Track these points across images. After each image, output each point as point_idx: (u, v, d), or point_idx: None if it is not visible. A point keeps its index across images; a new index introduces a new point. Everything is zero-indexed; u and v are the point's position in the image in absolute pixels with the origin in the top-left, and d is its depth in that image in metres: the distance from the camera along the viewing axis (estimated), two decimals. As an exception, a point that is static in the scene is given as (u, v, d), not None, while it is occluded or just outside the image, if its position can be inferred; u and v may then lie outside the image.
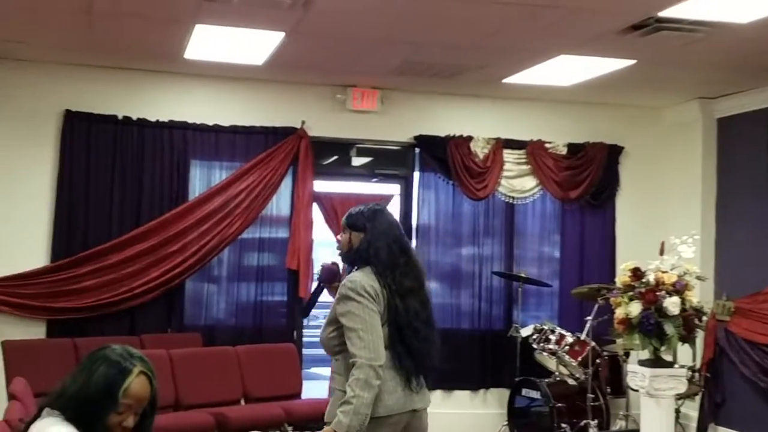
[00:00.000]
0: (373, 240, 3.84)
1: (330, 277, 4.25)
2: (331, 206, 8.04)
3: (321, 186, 8.13)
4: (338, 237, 4.09)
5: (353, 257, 3.93)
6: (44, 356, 6.67)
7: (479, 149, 8.34)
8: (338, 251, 4.07)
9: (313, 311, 8.07)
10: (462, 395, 8.36)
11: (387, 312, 3.73)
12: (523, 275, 8.09)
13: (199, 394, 6.80)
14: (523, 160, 8.51)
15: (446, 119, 8.37)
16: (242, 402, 7.06)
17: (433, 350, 3.94)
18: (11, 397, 4.99)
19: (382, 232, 3.87)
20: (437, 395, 8.23)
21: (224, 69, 7.52)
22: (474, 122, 8.42)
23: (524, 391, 7.52)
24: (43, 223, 7.36)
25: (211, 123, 7.80)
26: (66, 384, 2.54)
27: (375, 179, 8.57)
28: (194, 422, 6.42)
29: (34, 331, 7.25)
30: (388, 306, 3.73)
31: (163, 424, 5.97)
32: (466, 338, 8.37)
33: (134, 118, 7.58)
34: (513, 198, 8.51)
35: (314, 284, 7.22)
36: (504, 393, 8.01)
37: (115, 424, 2.50)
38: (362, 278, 3.74)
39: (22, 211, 7.33)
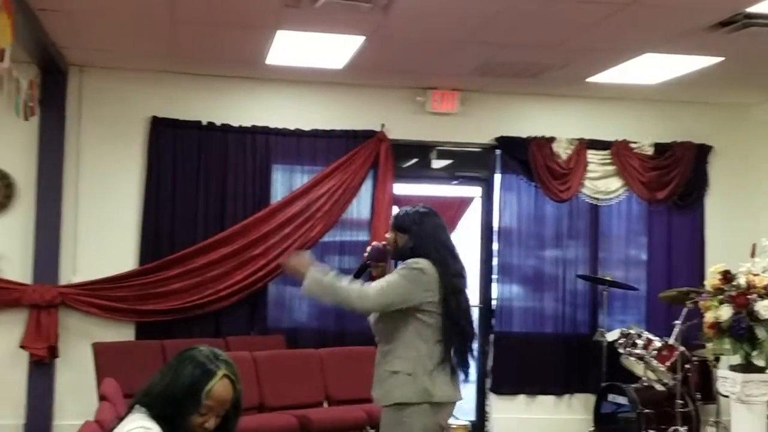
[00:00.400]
0: (418, 242, 4.01)
1: (378, 256, 4.27)
2: (411, 209, 8.01)
3: (401, 189, 8.12)
4: (386, 235, 4.28)
5: (399, 255, 4.10)
6: (133, 358, 6.82)
7: (562, 150, 8.21)
8: (386, 246, 4.26)
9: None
10: (546, 400, 8.25)
11: (442, 306, 3.95)
12: (608, 278, 7.91)
13: (283, 396, 6.85)
14: (608, 161, 8.35)
15: (528, 120, 8.27)
16: (325, 404, 7.09)
17: (473, 350, 4.21)
18: (102, 398, 5.09)
19: (428, 235, 4.03)
20: (521, 400, 8.16)
21: (305, 74, 7.58)
22: (556, 123, 8.30)
23: (610, 397, 7.35)
24: (131, 227, 7.55)
25: (292, 127, 7.87)
26: (153, 382, 2.60)
27: (455, 182, 8.51)
28: (278, 424, 6.46)
29: (123, 333, 7.45)
30: (444, 301, 3.96)
31: (248, 426, 6.03)
32: (550, 343, 8.26)
33: (218, 123, 7.71)
34: (597, 199, 8.35)
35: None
36: (590, 398, 7.85)
37: (197, 424, 2.54)
38: (428, 265, 3.94)
39: (113, 216, 7.53)
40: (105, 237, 7.50)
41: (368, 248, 4.33)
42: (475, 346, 4.22)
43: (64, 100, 7.40)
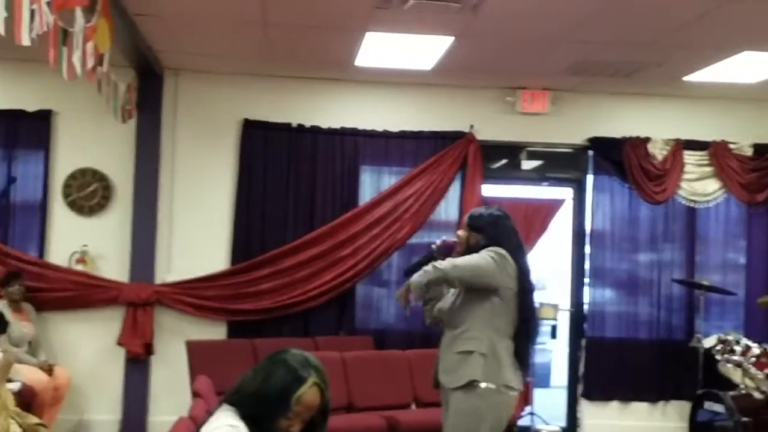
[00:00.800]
0: (490, 243, 4.14)
1: (445, 251, 4.38)
2: (500, 211, 7.92)
3: (490, 190, 8.04)
4: (458, 232, 4.40)
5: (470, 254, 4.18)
6: (225, 356, 6.93)
7: (657, 151, 8.02)
8: (455, 243, 4.40)
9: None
10: (640, 407, 8.07)
11: (514, 300, 4.11)
12: (705, 283, 7.70)
13: (371, 396, 6.87)
14: (705, 162, 8.12)
15: (621, 120, 8.10)
16: (413, 406, 7.07)
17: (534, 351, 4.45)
18: (195, 394, 5.18)
19: (502, 236, 4.19)
20: (614, 406, 8.01)
21: (393, 75, 7.58)
22: (652, 123, 8.11)
23: (707, 404, 7.13)
24: (224, 227, 7.69)
25: (380, 129, 7.89)
26: (244, 381, 2.64)
27: (546, 183, 8.38)
28: (366, 424, 6.47)
29: (215, 331, 7.59)
30: (517, 296, 4.12)
31: (336, 426, 6.04)
32: (644, 348, 8.07)
33: (307, 125, 7.78)
34: (694, 202, 8.13)
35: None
36: (685, 406, 7.63)
37: (283, 427, 2.56)
38: (508, 256, 4.11)
39: (206, 217, 7.69)
40: (198, 237, 7.66)
41: (437, 241, 4.45)
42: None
43: (159, 103, 7.59)
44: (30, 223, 7.55)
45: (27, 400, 6.17)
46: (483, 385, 4.04)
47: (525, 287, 4.16)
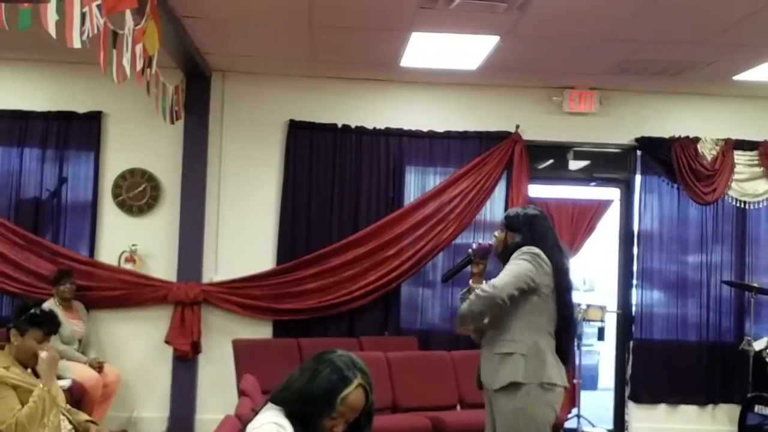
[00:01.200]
0: (528, 243, 4.14)
1: (483, 254, 4.40)
2: (547, 211, 7.81)
3: (536, 191, 8.01)
4: (495, 233, 4.42)
5: (507, 255, 4.19)
6: (271, 355, 6.98)
7: (707, 151, 7.91)
8: (491, 246, 4.41)
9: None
10: (689, 410, 7.97)
11: (552, 298, 4.11)
12: (755, 285, 7.58)
13: (416, 397, 6.86)
14: (756, 162, 8.01)
15: (670, 120, 8.00)
16: (458, 407, 7.05)
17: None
18: (241, 393, 5.23)
19: (539, 235, 4.18)
20: (662, 409, 7.93)
21: (438, 75, 7.57)
22: (701, 122, 8.00)
23: (757, 408, 7.04)
24: (270, 227, 7.75)
25: (425, 129, 7.89)
26: (290, 380, 2.65)
27: (593, 183, 8.30)
28: (411, 424, 6.47)
29: (261, 330, 7.65)
30: (556, 294, 4.11)
31: (381, 425, 6.04)
32: (693, 351, 7.97)
33: (353, 126, 7.81)
34: (745, 202, 8.02)
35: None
36: (734, 409, 7.53)
37: (327, 428, 2.58)
38: (544, 255, 4.10)
39: (252, 217, 7.75)
40: (245, 237, 7.73)
41: (474, 245, 4.46)
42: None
43: (207, 105, 7.68)
44: (81, 222, 7.67)
45: (77, 397, 6.28)
46: (525, 385, 4.04)
47: (562, 285, 4.16)
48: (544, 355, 4.08)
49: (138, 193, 7.67)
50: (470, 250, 4.43)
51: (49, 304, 6.70)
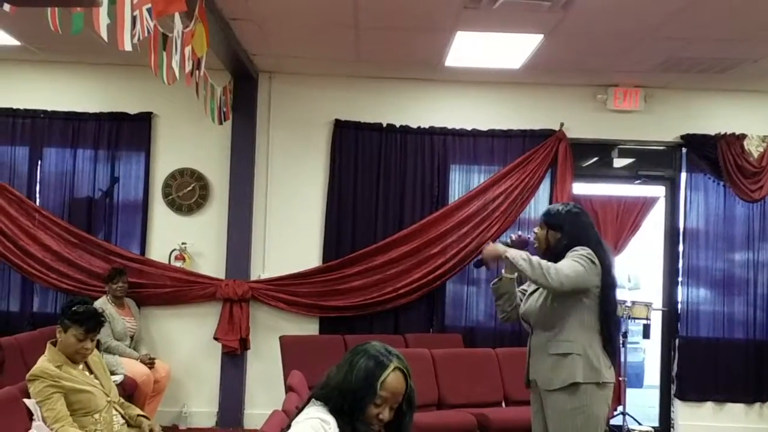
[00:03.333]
0: (572, 240, 4.13)
1: (520, 246, 4.33)
2: (591, 209, 7.85)
3: (581, 188, 7.98)
4: (535, 230, 4.39)
5: (554, 257, 4.16)
6: (317, 351, 7.07)
7: (753, 148, 7.82)
8: (533, 243, 4.38)
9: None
10: (736, 408, 7.90)
11: (600, 296, 4.10)
12: (804, 282, 7.46)
13: (461, 394, 6.89)
14: (803, 159, 7.88)
15: (716, 117, 7.93)
16: (503, 404, 7.07)
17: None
18: (289, 388, 5.30)
19: (582, 233, 4.16)
20: (708, 407, 7.86)
21: (482, 74, 7.60)
22: (747, 119, 7.92)
23: (806, 407, 6.93)
24: (316, 225, 7.84)
25: (469, 128, 7.92)
26: (330, 376, 2.75)
27: (638, 181, 8.25)
28: (456, 421, 6.50)
29: (307, 327, 7.76)
30: (603, 292, 4.11)
31: (427, 422, 6.16)
32: (740, 349, 7.90)
33: (397, 125, 7.87)
34: (792, 200, 7.88)
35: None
36: (783, 408, 7.45)
37: (373, 415, 2.66)
38: (593, 255, 4.09)
39: (298, 215, 7.86)
40: (291, 235, 7.83)
41: (512, 235, 4.45)
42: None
43: (254, 105, 7.79)
44: (132, 221, 7.84)
45: (129, 392, 6.44)
46: (583, 384, 4.07)
47: (608, 282, 4.15)
48: (596, 354, 4.11)
49: (187, 192, 7.81)
50: (508, 240, 4.39)
51: (102, 302, 6.88)
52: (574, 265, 4.05)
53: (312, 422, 2.60)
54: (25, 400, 4.28)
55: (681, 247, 8.03)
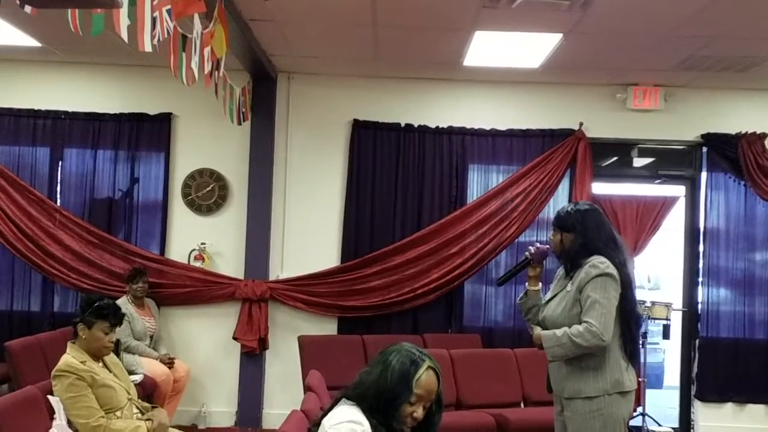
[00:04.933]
0: (586, 241, 4.05)
1: (541, 258, 4.33)
2: (611, 209, 7.82)
3: (600, 188, 7.95)
4: (550, 237, 4.30)
5: (570, 258, 4.12)
6: (336, 351, 7.09)
7: (775, 147, 7.76)
8: (549, 249, 4.30)
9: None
10: (757, 410, 7.84)
11: (620, 299, 4.00)
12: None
13: (479, 394, 6.88)
14: (825, 157, 7.81)
15: (737, 116, 7.87)
16: (522, 405, 7.05)
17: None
18: (307, 388, 5.32)
19: (594, 232, 4.07)
20: (729, 408, 7.81)
21: (501, 74, 7.59)
22: (768, 118, 7.85)
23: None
24: (334, 225, 7.86)
25: (488, 127, 7.90)
26: (363, 376, 2.76)
27: (658, 180, 8.21)
28: (475, 422, 6.49)
29: (326, 327, 7.77)
30: (622, 294, 4.01)
31: (446, 422, 6.06)
32: (761, 349, 7.83)
33: (416, 125, 7.86)
34: (813, 199, 7.81)
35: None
36: (804, 409, 7.39)
37: (408, 414, 2.69)
38: (611, 265, 3.98)
39: (317, 215, 7.87)
40: (310, 235, 7.85)
41: (531, 248, 4.36)
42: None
43: (273, 106, 7.81)
44: (152, 221, 7.88)
45: (149, 391, 6.47)
46: (603, 400, 4.01)
47: (627, 282, 4.06)
48: (617, 361, 4.03)
49: (206, 192, 7.85)
50: (527, 254, 4.36)
51: (122, 302, 6.91)
52: (599, 306, 3.94)
53: (346, 426, 2.61)
54: (50, 397, 4.31)
55: (701, 247, 7.98)
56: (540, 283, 4.38)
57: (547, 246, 4.32)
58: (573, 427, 4.11)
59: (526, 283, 4.40)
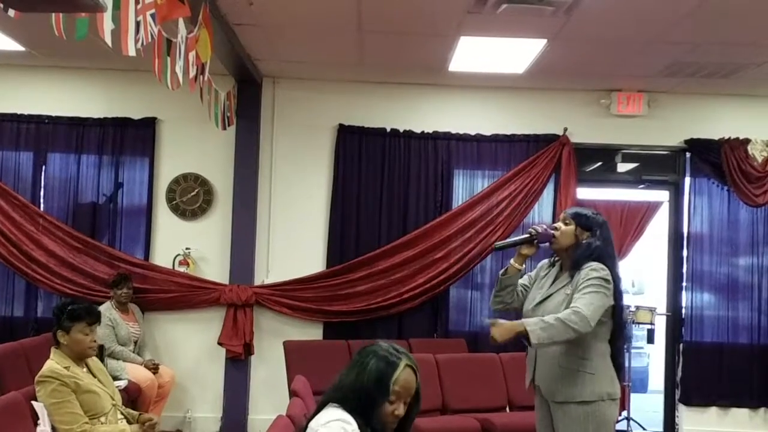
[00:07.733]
0: (601, 246, 4.12)
1: (543, 240, 4.24)
2: (595, 214, 7.84)
3: (585, 193, 7.99)
4: (560, 225, 4.25)
5: (575, 257, 4.13)
6: (321, 356, 7.06)
7: (757, 152, 7.83)
8: (552, 238, 4.21)
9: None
10: (740, 414, 7.89)
11: (612, 309, 4.05)
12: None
13: (465, 399, 6.88)
14: (807, 163, 7.87)
15: (720, 121, 7.93)
16: (507, 409, 7.06)
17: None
18: (293, 393, 5.30)
19: (607, 242, 4.18)
20: (712, 412, 7.85)
21: (486, 79, 7.61)
22: (751, 124, 7.92)
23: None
24: (320, 230, 7.85)
25: (473, 132, 7.92)
26: (342, 379, 2.78)
27: (642, 186, 8.25)
28: (460, 426, 6.48)
29: (311, 332, 7.75)
30: (614, 305, 4.06)
31: (431, 427, 6.16)
32: (744, 353, 7.88)
33: (401, 130, 7.88)
34: (796, 204, 7.87)
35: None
36: (788, 413, 7.43)
37: (389, 412, 2.71)
38: (608, 273, 4.04)
39: (302, 220, 7.86)
40: (295, 240, 7.84)
41: (537, 228, 4.26)
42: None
43: (258, 110, 7.80)
44: (136, 226, 7.84)
45: (133, 397, 6.44)
46: (594, 405, 4.01)
47: (621, 294, 4.11)
48: (606, 368, 4.06)
49: (191, 197, 7.83)
50: (532, 231, 4.25)
51: (106, 307, 6.89)
52: (590, 296, 3.95)
53: (335, 425, 2.63)
54: (33, 403, 4.28)
55: (685, 252, 8.02)
56: (524, 266, 4.33)
57: (553, 232, 4.29)
58: (564, 427, 4.10)
59: (512, 259, 4.31)
